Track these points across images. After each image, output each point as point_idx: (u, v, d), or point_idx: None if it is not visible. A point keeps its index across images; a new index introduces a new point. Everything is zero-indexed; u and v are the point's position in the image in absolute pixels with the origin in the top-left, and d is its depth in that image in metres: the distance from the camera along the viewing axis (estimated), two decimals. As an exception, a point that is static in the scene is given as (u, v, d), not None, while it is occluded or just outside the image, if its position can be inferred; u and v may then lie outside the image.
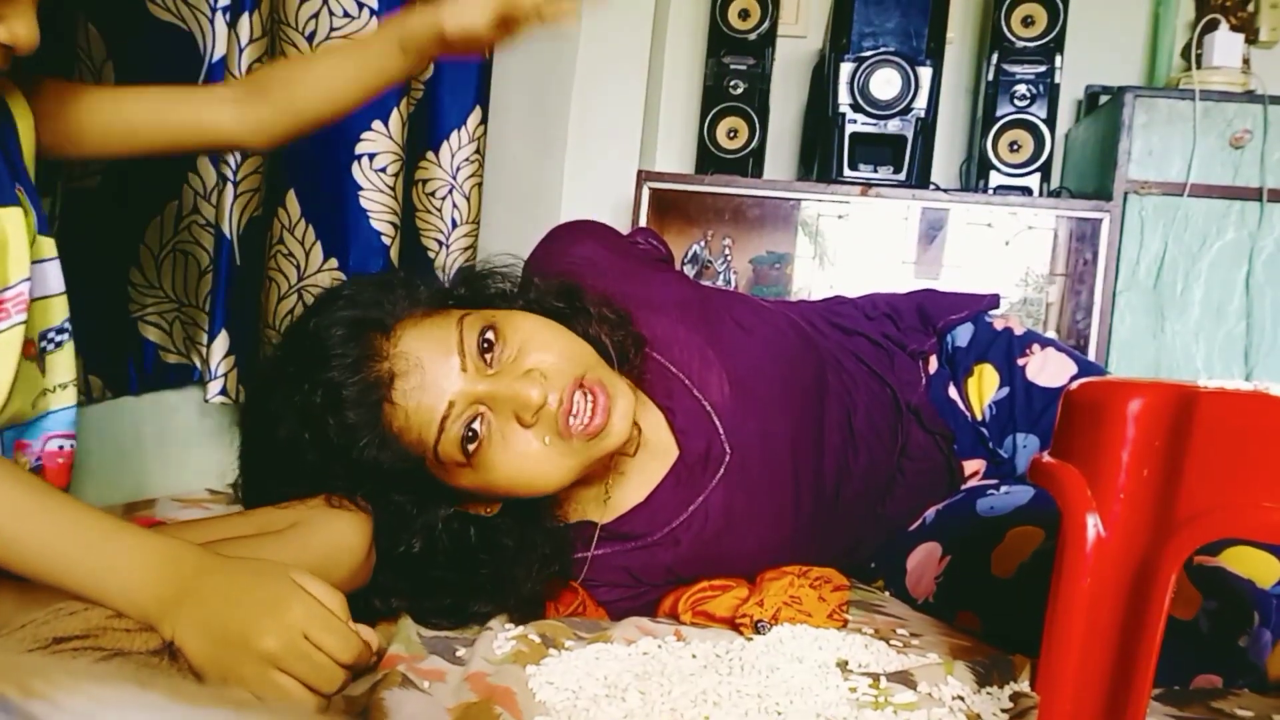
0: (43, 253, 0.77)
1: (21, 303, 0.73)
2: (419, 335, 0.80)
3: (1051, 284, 1.97)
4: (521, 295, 0.91)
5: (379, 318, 0.80)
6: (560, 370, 0.82)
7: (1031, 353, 1.12)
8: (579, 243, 1.10)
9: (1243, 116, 1.90)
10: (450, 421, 0.78)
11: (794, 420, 0.98)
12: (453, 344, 0.80)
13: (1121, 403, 0.56)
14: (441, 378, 0.79)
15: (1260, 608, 0.78)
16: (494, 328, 0.82)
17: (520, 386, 0.80)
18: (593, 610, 0.92)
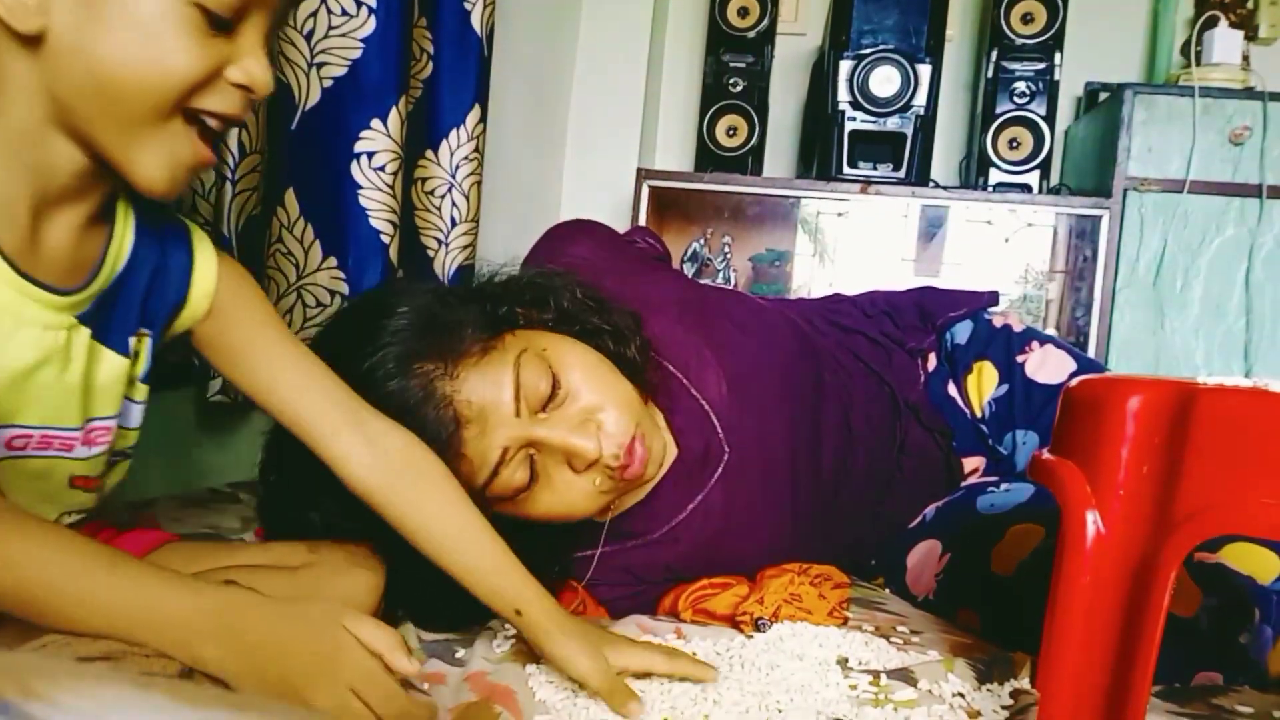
0: (136, 395, 0.74)
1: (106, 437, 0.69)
2: (480, 378, 0.78)
3: (1051, 281, 1.97)
4: (555, 310, 0.89)
5: (439, 353, 0.77)
6: (619, 424, 0.83)
7: (1031, 350, 1.12)
8: (576, 242, 1.10)
9: (1242, 113, 1.90)
10: (504, 466, 0.79)
11: (792, 418, 0.98)
12: (509, 385, 0.79)
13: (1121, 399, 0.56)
14: (499, 424, 0.78)
15: (1261, 604, 0.78)
16: (551, 371, 0.81)
17: (576, 440, 0.80)
18: (593, 609, 0.92)
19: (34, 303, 0.62)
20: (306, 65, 1.32)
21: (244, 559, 0.77)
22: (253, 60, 0.61)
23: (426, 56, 1.49)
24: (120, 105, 0.58)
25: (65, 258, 0.64)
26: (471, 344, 0.79)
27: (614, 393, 0.85)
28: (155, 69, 0.57)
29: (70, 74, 0.57)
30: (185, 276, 0.71)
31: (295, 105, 1.32)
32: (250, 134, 1.17)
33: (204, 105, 0.60)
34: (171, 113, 0.59)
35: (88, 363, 0.66)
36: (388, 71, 1.34)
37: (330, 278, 1.37)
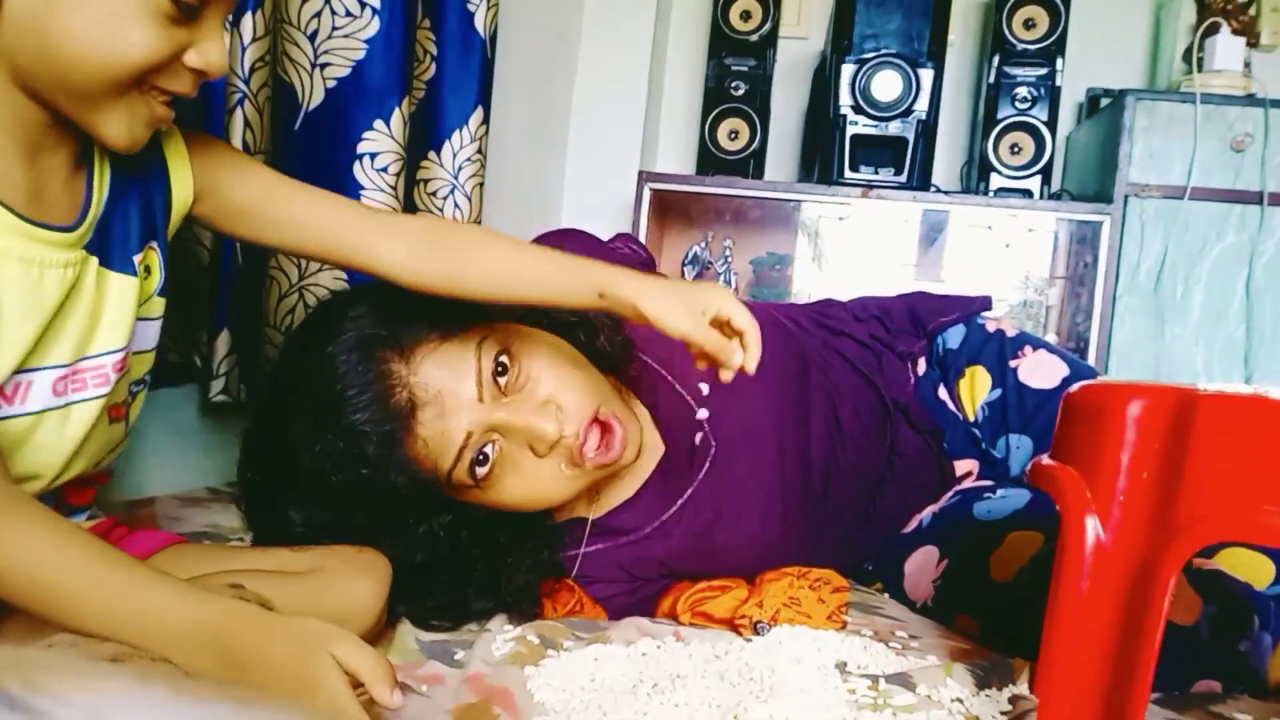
0: (151, 311, 0.76)
1: (102, 376, 0.70)
2: (438, 363, 0.79)
3: (1052, 287, 1.97)
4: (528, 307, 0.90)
5: (396, 338, 0.79)
6: (577, 404, 0.83)
7: (1024, 355, 1.12)
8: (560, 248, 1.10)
9: (1244, 120, 1.90)
10: (466, 450, 0.79)
11: (778, 412, 0.99)
12: (471, 370, 0.80)
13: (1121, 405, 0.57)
14: (460, 408, 0.79)
15: (1260, 612, 0.78)
16: (509, 353, 0.82)
17: (536, 421, 0.80)
18: (590, 608, 0.92)
19: (50, 246, 0.65)
20: (310, 66, 1.32)
21: (250, 563, 0.77)
22: (211, 45, 0.63)
23: (430, 58, 1.50)
24: (74, 82, 0.60)
25: (62, 200, 0.67)
26: (430, 331, 0.80)
27: (574, 377, 0.85)
28: (111, 54, 0.59)
29: (26, 47, 0.59)
30: (164, 175, 0.74)
31: (299, 106, 1.32)
32: (254, 134, 1.18)
33: (157, 83, 0.63)
34: (126, 89, 0.62)
35: (97, 291, 0.69)
36: (391, 73, 1.35)
37: (332, 279, 1.37)
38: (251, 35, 1.15)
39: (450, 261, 0.79)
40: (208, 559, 0.77)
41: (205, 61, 0.63)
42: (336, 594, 0.75)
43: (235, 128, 1.14)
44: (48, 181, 0.66)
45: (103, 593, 0.57)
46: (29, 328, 0.65)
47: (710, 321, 0.78)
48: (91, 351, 0.70)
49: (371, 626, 0.77)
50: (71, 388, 0.69)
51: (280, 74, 1.29)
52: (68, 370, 0.68)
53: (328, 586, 0.75)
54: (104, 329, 0.70)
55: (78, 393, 0.70)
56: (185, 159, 0.75)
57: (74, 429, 0.70)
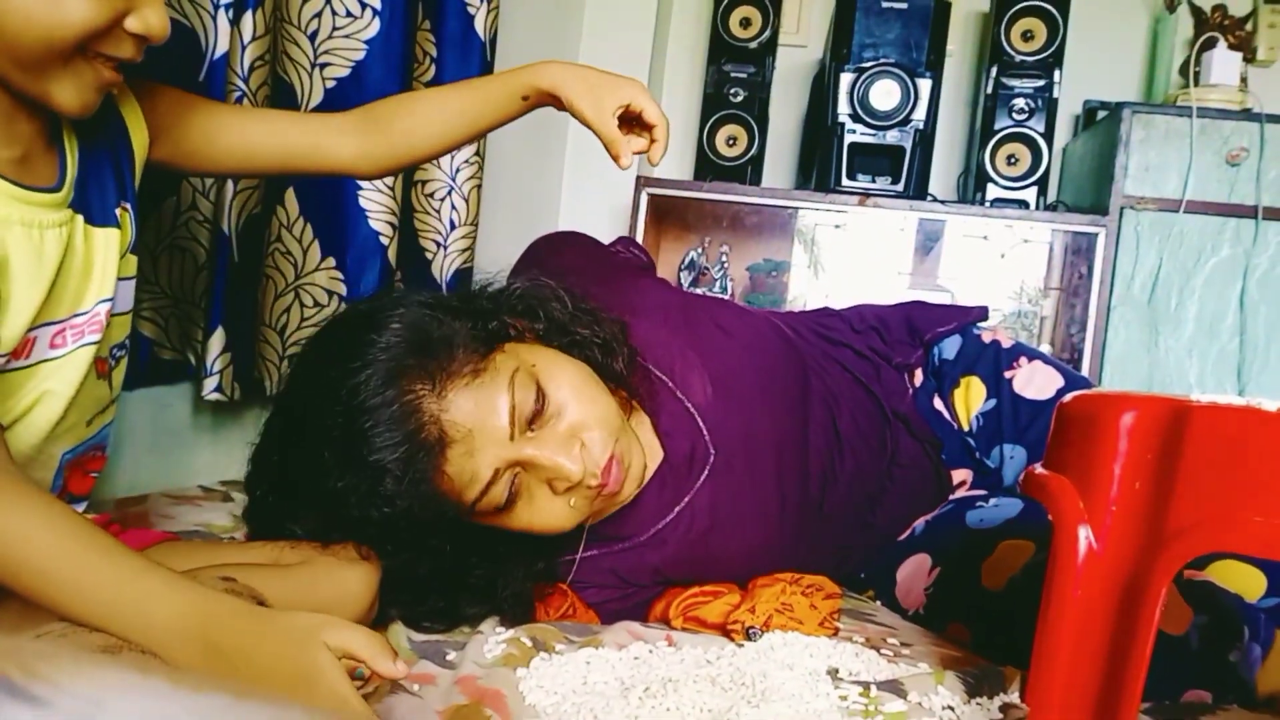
0: (127, 270, 0.77)
1: (96, 323, 0.74)
2: (471, 398, 0.77)
3: (1046, 298, 1.98)
4: (546, 320, 0.89)
5: (426, 371, 0.77)
6: (600, 442, 0.83)
7: (1019, 365, 1.12)
8: (560, 253, 1.10)
9: (1239, 134, 1.91)
10: (493, 485, 0.79)
11: (777, 420, 0.99)
12: (504, 408, 0.78)
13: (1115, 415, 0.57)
14: (490, 445, 0.78)
15: (1250, 623, 0.78)
16: (538, 383, 0.81)
17: (564, 462, 0.80)
18: (582, 612, 0.92)
19: (44, 208, 0.68)
20: (310, 66, 1.32)
21: (240, 557, 0.77)
22: (150, 11, 0.65)
23: (429, 59, 1.50)
24: (19, 52, 0.62)
25: (42, 165, 0.70)
26: (463, 364, 0.78)
27: (598, 411, 0.84)
28: (50, 19, 0.61)
29: None
30: (123, 129, 0.77)
31: (298, 105, 1.32)
32: (252, 133, 1.18)
33: (100, 49, 0.65)
34: (70, 55, 0.64)
35: (86, 246, 0.72)
36: (390, 74, 1.35)
37: (329, 278, 1.37)
38: (251, 34, 1.15)
39: (393, 136, 0.88)
40: (198, 555, 0.77)
41: (145, 26, 0.65)
42: (327, 585, 0.75)
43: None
44: (29, 149, 0.69)
45: (92, 579, 0.57)
46: (39, 288, 0.68)
47: (624, 114, 0.89)
48: (85, 307, 0.73)
49: (363, 618, 0.76)
50: (72, 338, 0.72)
51: (280, 73, 1.29)
52: (64, 324, 0.71)
53: (318, 578, 0.75)
54: (94, 282, 0.74)
55: (76, 340, 0.73)
56: (137, 109, 0.78)
57: (74, 373, 0.73)
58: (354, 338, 0.79)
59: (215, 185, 1.19)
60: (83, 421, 0.77)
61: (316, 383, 0.79)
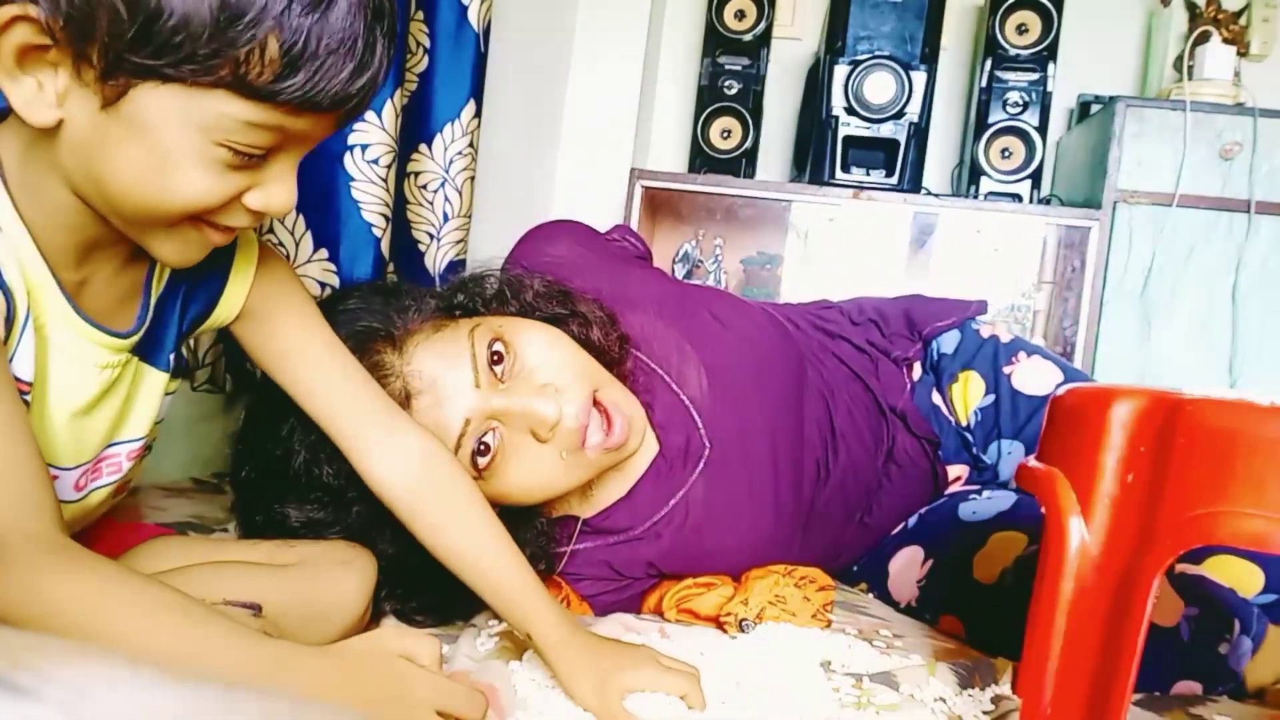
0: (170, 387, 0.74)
1: (116, 465, 0.70)
2: (431, 350, 0.80)
3: (1039, 291, 1.98)
4: (518, 300, 0.90)
5: (389, 331, 0.79)
6: (574, 387, 0.83)
7: (1017, 360, 1.12)
8: (555, 242, 1.10)
9: (1232, 128, 1.92)
10: (465, 438, 0.79)
11: (773, 414, 0.99)
12: (465, 358, 0.80)
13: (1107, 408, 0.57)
14: (456, 394, 0.79)
15: (1241, 615, 0.79)
16: (502, 340, 0.82)
17: (536, 404, 0.80)
18: (576, 604, 0.92)
19: (101, 347, 0.64)
20: (302, 56, 1.31)
21: (236, 555, 0.77)
22: (276, 188, 0.59)
23: (422, 50, 1.49)
24: (124, 211, 0.57)
25: (106, 294, 0.65)
26: (422, 322, 0.81)
27: (572, 363, 0.85)
28: (160, 195, 0.55)
29: (79, 169, 0.56)
30: (221, 283, 0.72)
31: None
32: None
33: (213, 219, 0.59)
34: (178, 223, 0.58)
35: (132, 384, 0.68)
36: (383, 64, 1.34)
37: (321, 270, 1.37)
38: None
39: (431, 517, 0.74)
40: (193, 551, 0.77)
41: (267, 204, 0.59)
42: (322, 587, 0.74)
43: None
44: (96, 271, 0.64)
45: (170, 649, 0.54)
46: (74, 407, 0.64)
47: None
48: (114, 440, 0.69)
49: (357, 620, 0.76)
50: (90, 480, 0.68)
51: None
52: (90, 465, 0.67)
53: (314, 580, 0.74)
54: (131, 421, 0.70)
55: (94, 482, 0.69)
56: (249, 277, 0.73)
57: (83, 511, 0.70)
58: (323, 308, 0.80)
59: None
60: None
61: None
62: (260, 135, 0.55)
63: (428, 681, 0.56)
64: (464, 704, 0.57)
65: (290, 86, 0.52)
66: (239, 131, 0.54)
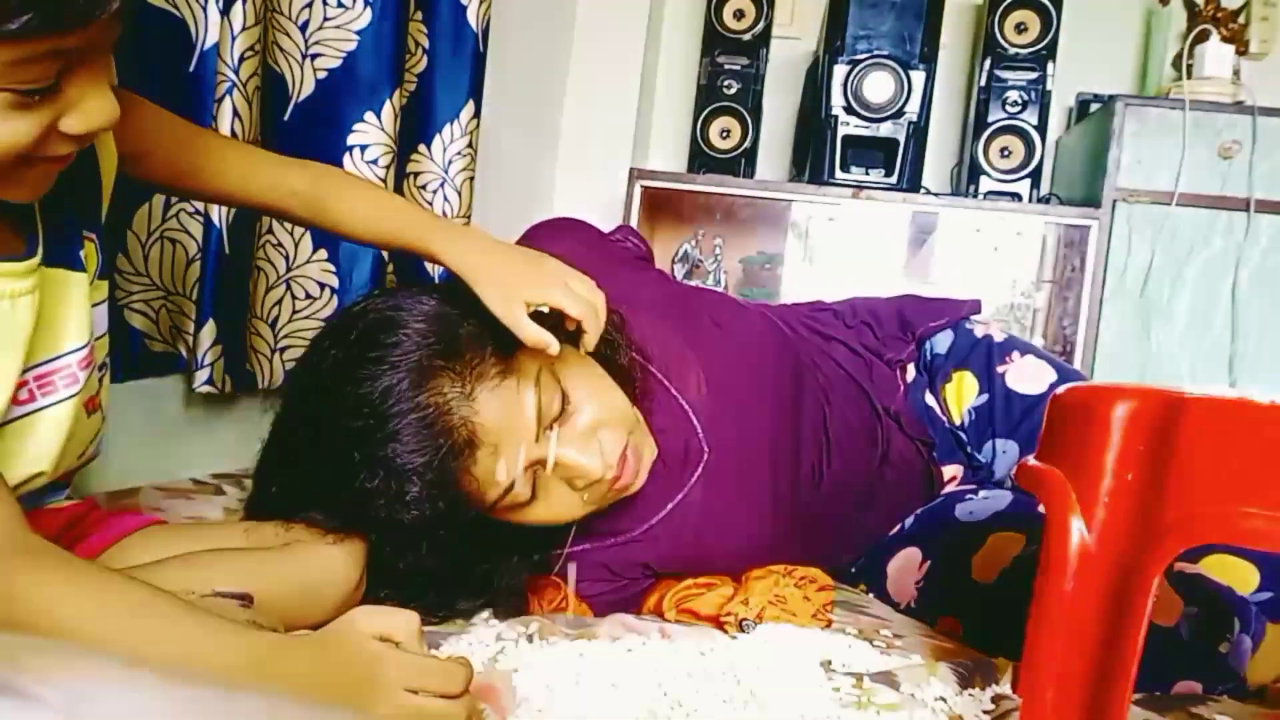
0: (98, 296, 0.75)
1: (70, 375, 0.70)
2: (498, 400, 0.76)
3: (1039, 290, 1.98)
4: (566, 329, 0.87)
5: (454, 372, 0.75)
6: (616, 439, 0.83)
7: (1011, 360, 1.12)
8: (559, 241, 1.09)
9: (1232, 127, 1.92)
10: (516, 485, 0.79)
11: (770, 419, 0.99)
12: (531, 409, 0.78)
13: (1107, 407, 0.57)
14: (517, 444, 0.78)
15: (1240, 614, 0.79)
16: (563, 389, 0.81)
17: (584, 461, 0.81)
18: (576, 605, 0.92)
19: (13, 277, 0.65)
20: (300, 56, 1.32)
21: (224, 542, 0.77)
22: (92, 104, 0.58)
23: (421, 50, 1.49)
24: None
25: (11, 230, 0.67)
26: (490, 365, 0.77)
27: (613, 407, 0.85)
28: None
29: None
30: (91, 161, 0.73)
31: (288, 97, 1.32)
32: (243, 124, 1.17)
33: (41, 153, 0.58)
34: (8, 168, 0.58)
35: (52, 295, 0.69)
36: (382, 65, 1.34)
37: (320, 270, 1.37)
38: (241, 24, 1.14)
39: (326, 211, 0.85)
40: (182, 539, 0.77)
41: (87, 124, 0.58)
42: (313, 564, 0.74)
43: (224, 117, 1.14)
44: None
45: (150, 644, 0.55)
46: (15, 359, 0.64)
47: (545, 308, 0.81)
48: (58, 352, 0.69)
49: (350, 593, 0.76)
50: (40, 392, 0.68)
51: (270, 64, 1.28)
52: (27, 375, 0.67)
53: (304, 560, 0.75)
54: (61, 329, 0.70)
55: (47, 396, 0.69)
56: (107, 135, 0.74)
57: (54, 430, 0.69)
58: (379, 337, 0.76)
59: (206, 177, 1.18)
60: (76, 458, 0.76)
61: (342, 381, 0.76)
62: (32, 70, 0.53)
63: (398, 661, 0.56)
64: (436, 680, 0.56)
65: (29, 19, 0.50)
66: (7, 75, 0.53)
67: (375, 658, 0.56)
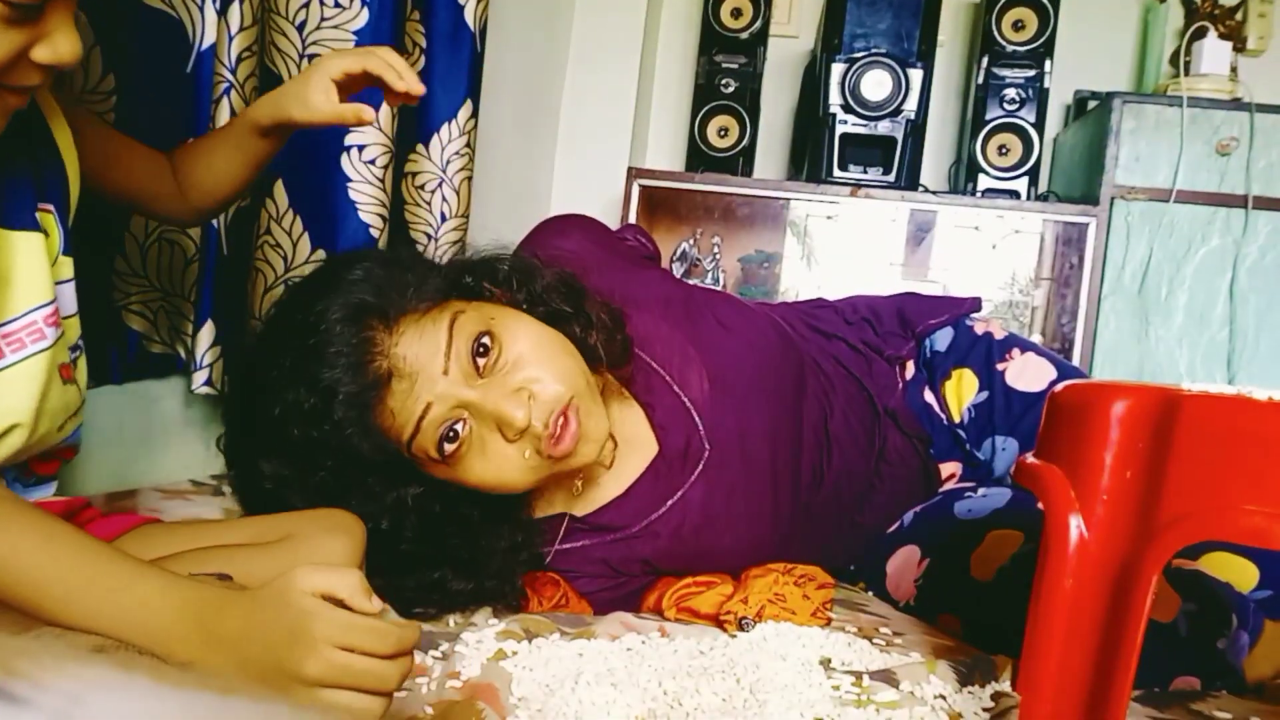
0: (62, 273, 0.76)
1: (36, 331, 0.72)
2: (417, 335, 0.80)
3: (1037, 288, 1.98)
4: (526, 289, 0.90)
5: (385, 309, 0.80)
6: (552, 393, 0.82)
7: (1011, 357, 1.12)
8: (567, 235, 1.10)
9: (1229, 124, 1.92)
10: (426, 422, 0.79)
11: (772, 418, 0.99)
12: (442, 340, 0.80)
13: (1106, 404, 0.57)
14: (426, 380, 0.79)
15: (1238, 610, 0.79)
16: (490, 334, 0.82)
17: (506, 405, 0.80)
18: (575, 602, 0.92)
19: None
20: (298, 56, 1.31)
21: (221, 538, 0.76)
22: (59, 37, 0.62)
23: (419, 50, 1.49)
24: None
25: None
26: (419, 301, 0.82)
27: (556, 365, 0.84)
28: None
29: None
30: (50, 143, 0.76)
31: (286, 96, 1.31)
32: (240, 124, 1.17)
33: (5, 81, 0.62)
34: None
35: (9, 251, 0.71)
36: (379, 65, 1.34)
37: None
38: (239, 25, 1.14)
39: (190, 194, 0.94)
40: (178, 536, 0.77)
41: (55, 55, 0.62)
42: (310, 555, 0.74)
43: (221, 118, 1.14)
44: None
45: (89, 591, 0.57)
46: None
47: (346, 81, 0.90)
48: (20, 311, 0.71)
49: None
50: (9, 349, 0.70)
51: (268, 64, 1.28)
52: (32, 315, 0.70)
53: (301, 549, 0.74)
54: (21, 287, 0.72)
55: (16, 352, 0.71)
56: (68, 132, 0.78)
57: (29, 385, 0.71)
58: (327, 273, 0.85)
59: (203, 177, 1.18)
60: (54, 428, 0.76)
61: (285, 311, 0.85)
62: None
63: (327, 618, 0.55)
64: (365, 638, 0.56)
65: None
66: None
67: (305, 614, 0.56)
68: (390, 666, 0.56)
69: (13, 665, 0.19)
